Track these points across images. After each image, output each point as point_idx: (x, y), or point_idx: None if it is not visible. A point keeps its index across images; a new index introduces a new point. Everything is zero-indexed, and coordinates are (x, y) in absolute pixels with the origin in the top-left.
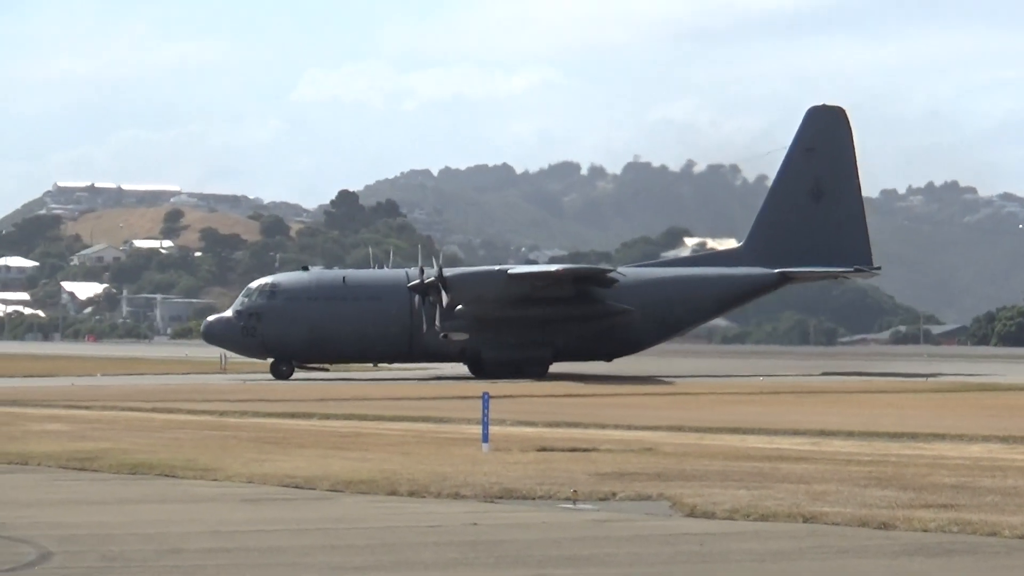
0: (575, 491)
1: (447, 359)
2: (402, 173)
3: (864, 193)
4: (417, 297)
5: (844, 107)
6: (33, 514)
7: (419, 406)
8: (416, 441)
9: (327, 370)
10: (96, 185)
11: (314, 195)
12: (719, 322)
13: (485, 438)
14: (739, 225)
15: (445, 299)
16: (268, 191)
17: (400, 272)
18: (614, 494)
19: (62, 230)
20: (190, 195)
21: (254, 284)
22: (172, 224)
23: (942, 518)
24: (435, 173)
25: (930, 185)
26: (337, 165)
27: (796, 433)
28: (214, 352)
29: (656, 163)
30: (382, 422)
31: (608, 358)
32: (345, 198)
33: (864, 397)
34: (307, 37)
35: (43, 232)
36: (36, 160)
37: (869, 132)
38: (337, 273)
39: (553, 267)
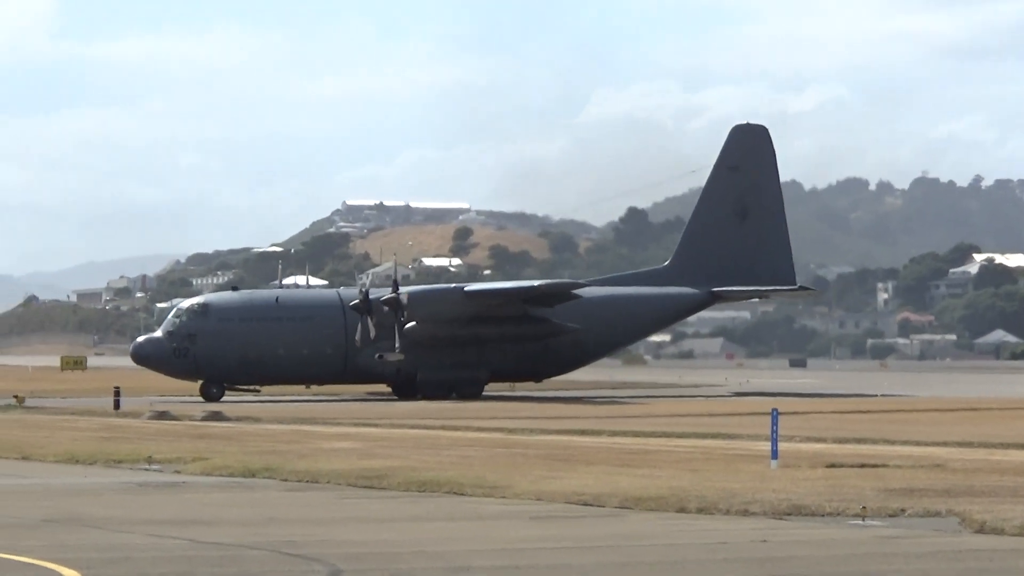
0: (864, 507)
1: (381, 380)
2: (690, 190)
3: None
4: (362, 317)
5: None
6: (323, 532)
7: (707, 423)
8: (704, 458)
9: (258, 391)
10: (385, 203)
11: (602, 212)
12: None
13: (774, 454)
14: None
15: (402, 317)
16: (557, 208)
17: (333, 292)
18: (903, 510)
19: (351, 248)
20: (479, 212)
21: (184, 304)
22: (461, 242)
23: None
24: None
25: None
26: (626, 182)
27: None
28: None
29: (944, 179)
30: (670, 439)
31: (539, 379)
32: (634, 215)
33: None
34: (596, 56)
35: (332, 250)
36: (325, 179)
37: None
38: (270, 293)
39: (508, 284)
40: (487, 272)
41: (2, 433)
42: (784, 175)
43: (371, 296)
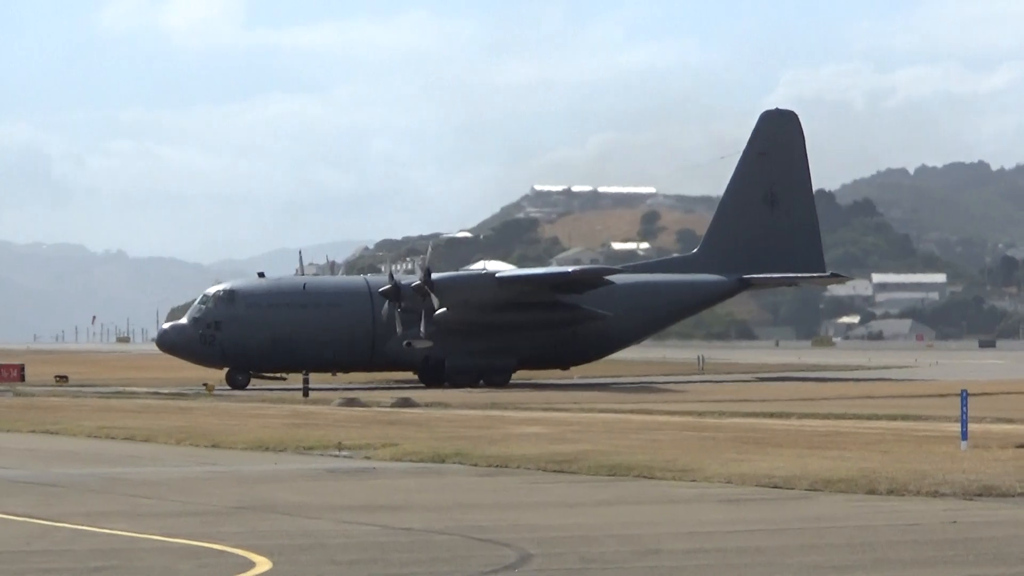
0: None
1: (409, 367)
2: (878, 172)
3: None
4: (386, 304)
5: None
6: (513, 517)
7: (895, 404)
8: (894, 439)
9: (284, 379)
10: (573, 189)
11: None
12: None
13: (964, 435)
14: None
15: (435, 303)
16: None
17: (360, 279)
18: None
19: (540, 233)
20: (666, 196)
21: (210, 291)
22: (649, 226)
23: None
24: (911, 172)
25: None
26: (814, 164)
27: None
28: (690, 354)
29: None
30: (860, 420)
31: (566, 366)
32: (821, 197)
33: None
34: (786, 38)
35: (521, 235)
36: (514, 164)
37: None
38: (297, 279)
39: (539, 271)
40: (675, 255)
41: (193, 421)
42: (972, 156)
43: (401, 283)
